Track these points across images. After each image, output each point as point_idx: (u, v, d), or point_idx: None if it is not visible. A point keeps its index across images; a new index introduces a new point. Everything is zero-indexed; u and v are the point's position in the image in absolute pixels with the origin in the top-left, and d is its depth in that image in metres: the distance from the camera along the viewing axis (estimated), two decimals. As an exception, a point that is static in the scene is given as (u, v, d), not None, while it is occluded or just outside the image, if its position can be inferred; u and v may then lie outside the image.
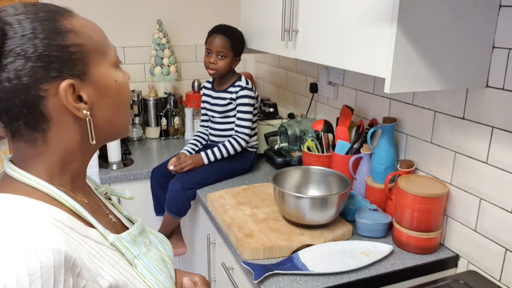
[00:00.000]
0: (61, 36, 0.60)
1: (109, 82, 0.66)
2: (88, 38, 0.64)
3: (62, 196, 0.62)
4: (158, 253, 0.76)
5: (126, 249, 0.67)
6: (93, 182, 0.82)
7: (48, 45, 0.58)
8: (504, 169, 1.12)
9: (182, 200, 1.75)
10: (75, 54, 0.61)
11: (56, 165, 0.64)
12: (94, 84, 0.64)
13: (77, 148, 0.65)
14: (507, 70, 1.09)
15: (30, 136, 0.61)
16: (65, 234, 0.58)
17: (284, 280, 1.15)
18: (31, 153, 0.63)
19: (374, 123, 1.59)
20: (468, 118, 1.21)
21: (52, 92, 0.59)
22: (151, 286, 0.67)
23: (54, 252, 0.52)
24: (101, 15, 2.33)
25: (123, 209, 0.83)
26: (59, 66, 0.59)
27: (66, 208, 0.62)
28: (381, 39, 1.02)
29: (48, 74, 0.58)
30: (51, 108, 0.60)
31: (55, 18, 0.61)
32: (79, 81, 0.61)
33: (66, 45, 0.60)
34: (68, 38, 0.61)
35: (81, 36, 0.63)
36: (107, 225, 0.71)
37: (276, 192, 1.37)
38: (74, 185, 0.68)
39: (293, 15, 1.41)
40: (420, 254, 1.27)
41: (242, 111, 1.82)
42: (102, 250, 0.63)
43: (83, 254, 0.58)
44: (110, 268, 0.62)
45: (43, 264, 0.51)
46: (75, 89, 0.61)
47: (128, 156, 2.09)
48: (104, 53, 0.66)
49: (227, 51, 1.79)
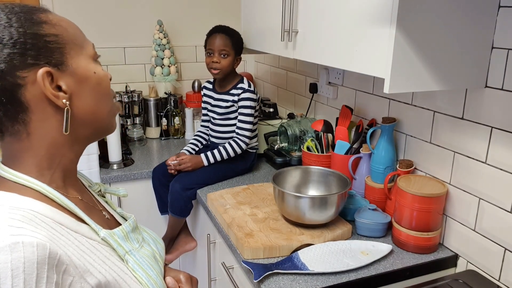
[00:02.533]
0: (36, 25, 0.62)
1: (88, 73, 0.67)
2: (64, 30, 0.65)
3: (52, 192, 0.63)
4: (151, 250, 0.77)
5: (117, 245, 0.67)
6: (87, 179, 0.82)
7: (23, 33, 0.60)
8: (503, 169, 1.13)
9: (183, 200, 1.75)
10: (51, 43, 0.62)
11: (44, 160, 0.65)
12: (73, 74, 0.64)
13: (62, 141, 0.66)
14: (506, 70, 1.09)
15: (13, 128, 0.62)
16: (53, 230, 0.58)
17: (284, 279, 1.16)
18: (18, 148, 0.63)
19: (374, 123, 1.59)
20: (467, 118, 1.22)
21: (30, 80, 0.60)
22: (142, 281, 0.67)
23: (39, 248, 0.53)
24: (102, 15, 2.33)
25: (124, 208, 0.83)
26: (35, 53, 0.60)
27: (56, 204, 0.63)
28: (381, 39, 1.03)
29: (24, 61, 0.59)
30: (30, 97, 0.61)
31: (31, 12, 0.63)
32: (57, 70, 0.62)
33: (41, 34, 0.61)
34: (44, 28, 0.62)
35: (57, 28, 0.64)
36: (101, 221, 0.71)
37: (276, 192, 1.37)
38: (66, 182, 0.69)
39: (293, 16, 1.41)
40: (419, 254, 1.28)
41: (244, 113, 1.82)
42: (93, 245, 0.63)
43: (71, 250, 0.58)
44: (100, 263, 0.62)
45: (27, 259, 0.51)
46: (54, 78, 0.62)
47: (129, 156, 2.09)
48: (82, 46, 0.67)
49: (229, 49, 1.79)
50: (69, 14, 2.02)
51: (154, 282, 0.69)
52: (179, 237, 1.94)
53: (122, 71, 2.42)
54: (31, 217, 0.57)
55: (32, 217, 0.57)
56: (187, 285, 0.83)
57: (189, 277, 0.85)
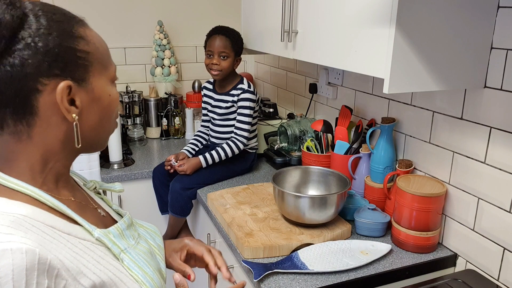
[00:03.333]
0: (73, 39, 0.63)
1: (104, 94, 0.68)
2: (96, 49, 0.66)
3: (43, 195, 0.63)
4: (147, 246, 0.77)
5: (112, 244, 0.67)
6: (81, 177, 0.82)
7: (59, 44, 0.61)
8: (502, 168, 1.13)
9: (183, 200, 1.76)
10: (81, 59, 0.63)
11: (38, 164, 0.65)
12: (89, 92, 0.66)
13: (59, 149, 0.66)
14: (505, 70, 1.09)
15: (16, 127, 0.62)
16: (44, 234, 0.58)
17: (284, 279, 1.16)
18: (14, 148, 0.63)
19: (373, 123, 1.59)
20: (466, 118, 1.22)
21: (49, 88, 0.61)
22: (138, 279, 0.67)
23: (28, 254, 0.53)
24: (102, 16, 2.33)
25: (124, 208, 0.83)
26: (63, 66, 0.61)
27: (47, 207, 0.63)
28: (380, 39, 1.03)
29: (50, 70, 0.60)
30: (43, 103, 0.61)
31: (71, 24, 0.64)
32: (77, 86, 0.63)
33: (75, 49, 0.63)
34: (79, 44, 0.63)
35: (91, 46, 0.65)
36: (96, 219, 0.72)
37: (276, 191, 1.38)
38: (58, 184, 0.69)
39: (292, 16, 1.42)
40: (419, 253, 1.28)
41: (243, 113, 1.82)
42: (86, 246, 0.63)
43: (64, 253, 0.58)
44: (94, 264, 0.62)
45: (15, 266, 0.51)
46: (71, 92, 0.63)
47: (129, 156, 2.10)
48: (106, 67, 0.69)
49: (228, 51, 1.80)
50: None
51: (151, 279, 0.69)
52: (179, 237, 1.95)
53: (123, 72, 2.42)
54: (20, 222, 0.57)
55: (22, 222, 0.57)
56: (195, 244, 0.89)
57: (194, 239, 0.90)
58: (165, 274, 0.81)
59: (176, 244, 0.89)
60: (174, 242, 0.89)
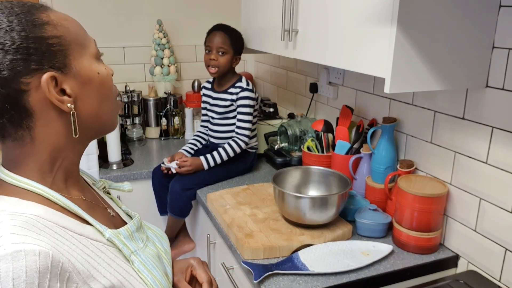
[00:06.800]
0: (39, 28, 0.59)
1: (92, 74, 0.65)
2: (67, 30, 0.63)
3: (54, 195, 0.62)
4: (155, 249, 0.76)
5: (123, 245, 0.67)
6: (90, 177, 0.81)
7: (26, 37, 0.58)
8: (504, 169, 1.12)
9: (183, 200, 1.75)
10: (54, 46, 0.60)
11: (46, 163, 0.64)
12: (76, 77, 0.63)
13: (65, 144, 0.65)
14: (507, 70, 1.09)
15: (17, 133, 0.61)
16: (56, 235, 0.57)
17: (284, 280, 1.15)
18: (20, 152, 0.62)
19: (374, 123, 1.59)
20: (468, 118, 1.21)
21: (34, 85, 0.59)
22: (147, 282, 0.66)
23: (41, 256, 0.52)
24: (101, 15, 2.33)
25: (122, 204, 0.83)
26: (39, 58, 0.59)
27: (59, 207, 0.62)
28: (381, 39, 1.03)
29: (28, 67, 0.58)
30: (34, 102, 0.59)
31: (31, 12, 0.60)
32: (60, 74, 0.61)
33: (44, 37, 0.60)
34: (46, 30, 0.60)
35: (59, 28, 0.62)
36: (106, 219, 0.71)
37: (276, 192, 1.37)
38: (67, 183, 0.68)
39: (293, 15, 1.41)
40: (420, 254, 1.27)
41: (242, 112, 1.82)
42: (97, 248, 0.62)
43: (75, 255, 0.57)
44: (105, 266, 0.61)
45: (29, 268, 0.51)
46: (58, 82, 0.61)
47: (128, 156, 2.09)
48: (84, 45, 0.65)
49: (227, 48, 1.79)
50: (68, 14, 2.01)
51: (159, 283, 0.69)
52: (177, 238, 1.94)
53: (122, 71, 2.41)
54: (33, 222, 0.56)
55: (34, 223, 0.56)
56: (199, 268, 0.85)
57: (200, 261, 0.87)
58: (171, 278, 0.80)
59: (182, 264, 0.87)
60: (181, 262, 0.88)
